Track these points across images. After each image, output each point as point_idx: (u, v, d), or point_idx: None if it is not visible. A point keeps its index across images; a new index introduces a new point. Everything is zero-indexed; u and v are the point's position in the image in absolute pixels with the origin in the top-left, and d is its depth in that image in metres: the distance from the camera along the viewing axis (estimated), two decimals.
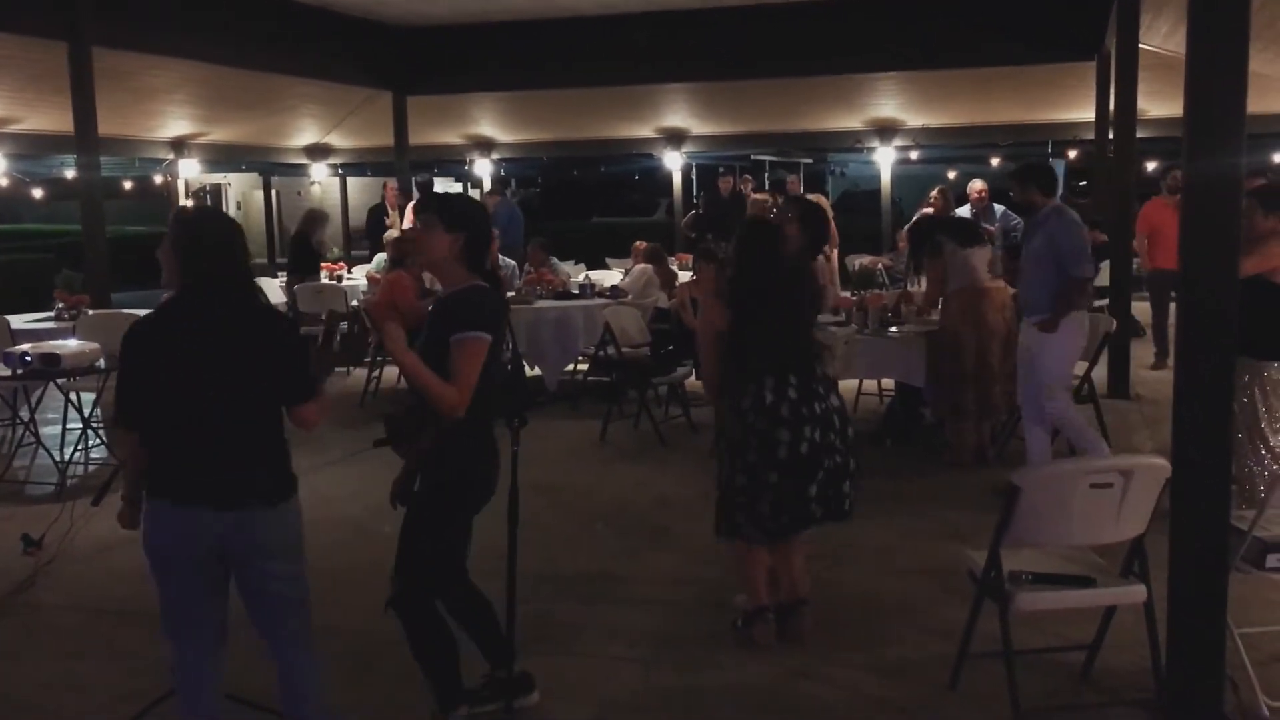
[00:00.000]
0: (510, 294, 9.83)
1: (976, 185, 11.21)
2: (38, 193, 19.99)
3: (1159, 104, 13.21)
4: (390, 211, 13.73)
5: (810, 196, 12.19)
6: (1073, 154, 20.89)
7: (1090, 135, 13.10)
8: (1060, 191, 6.31)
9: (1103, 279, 11.02)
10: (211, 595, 3.22)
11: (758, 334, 4.26)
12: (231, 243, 3.15)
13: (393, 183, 14.47)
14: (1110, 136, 10.22)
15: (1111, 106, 9.85)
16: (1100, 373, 7.77)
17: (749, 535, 4.32)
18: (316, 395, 3.22)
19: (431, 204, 3.63)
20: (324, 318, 3.30)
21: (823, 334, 5.31)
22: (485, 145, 18.81)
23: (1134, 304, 9.88)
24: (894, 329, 7.31)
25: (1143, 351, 10.33)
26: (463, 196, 4.01)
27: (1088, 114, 12.78)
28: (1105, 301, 10.00)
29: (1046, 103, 15.38)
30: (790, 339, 4.30)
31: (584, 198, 30.83)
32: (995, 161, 22.22)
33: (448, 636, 3.57)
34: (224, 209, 30.68)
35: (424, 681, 3.65)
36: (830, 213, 11.70)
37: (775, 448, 4.19)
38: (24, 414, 7.52)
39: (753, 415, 4.22)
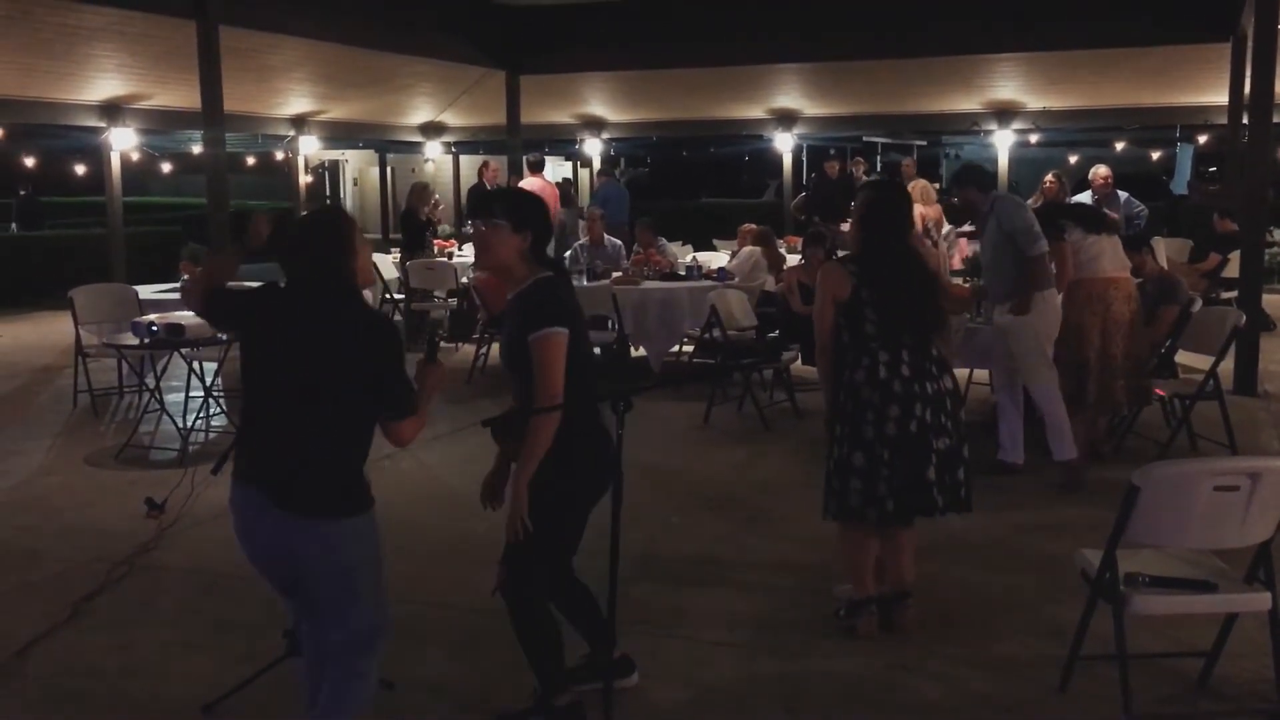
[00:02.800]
0: (616, 274, 9.87)
1: (1100, 171, 10.85)
2: (166, 167, 20.72)
3: None
4: (490, 188, 13.84)
5: (914, 181, 11.95)
6: (1203, 139, 20.09)
7: (1222, 120, 12.59)
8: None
9: (1233, 270, 10.63)
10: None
11: (876, 301, 4.16)
12: (332, 248, 3.02)
13: (493, 161, 14.55)
14: (1245, 121, 9.79)
15: (1246, 90, 9.43)
16: (1226, 368, 7.48)
17: (865, 517, 4.21)
18: (416, 411, 3.07)
19: (492, 204, 3.48)
20: (429, 333, 3.22)
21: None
22: (596, 125, 18.90)
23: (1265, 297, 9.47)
24: None
25: (1271, 345, 9.91)
26: (522, 192, 3.89)
27: (1219, 97, 12.28)
28: (1234, 294, 9.62)
29: (1176, 85, 14.82)
30: (907, 311, 4.21)
31: (693, 178, 30.74)
32: (1120, 146, 21.49)
33: (552, 626, 3.55)
34: (340, 185, 31.42)
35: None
36: (933, 194, 11.45)
37: (884, 424, 4.13)
38: (150, 381, 7.82)
39: (866, 389, 4.15)
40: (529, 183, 13.25)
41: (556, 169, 27.71)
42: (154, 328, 7.03)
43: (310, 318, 2.97)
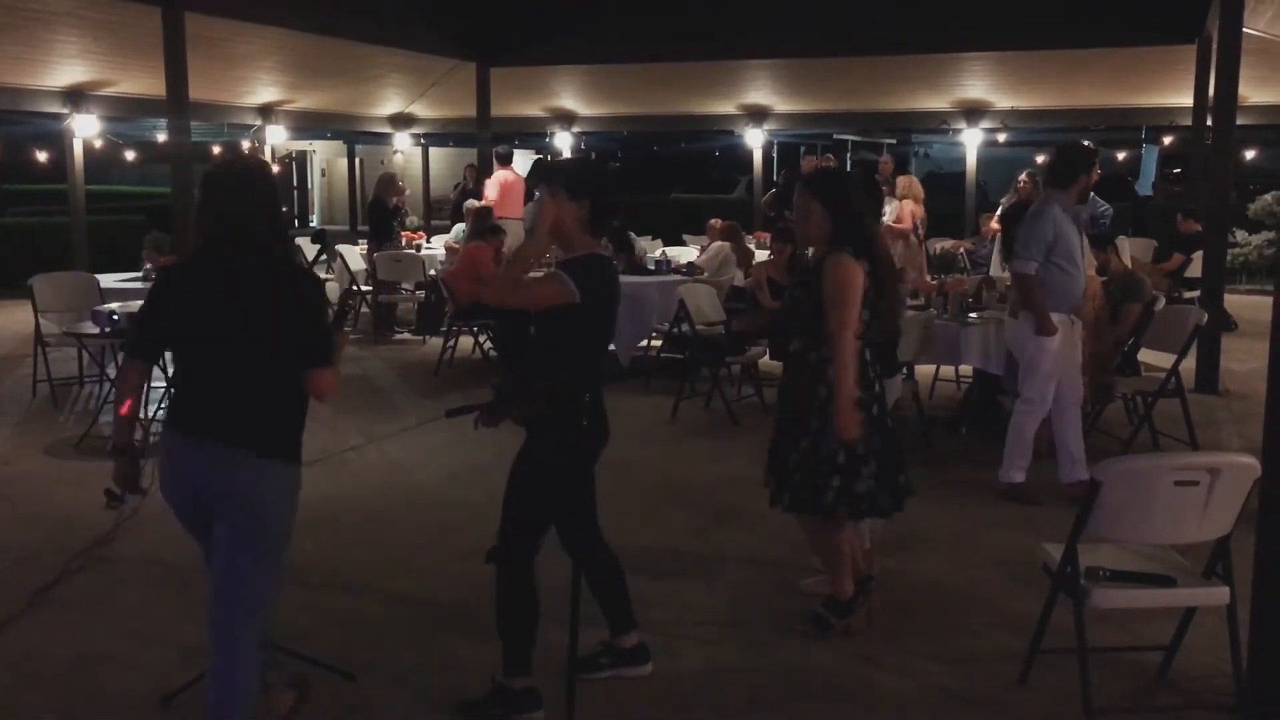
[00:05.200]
0: None
1: None
2: (130, 155, 20.47)
3: (1261, 90, 12.78)
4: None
5: (901, 178, 12.03)
6: (1167, 140, 20.32)
7: (1187, 121, 12.74)
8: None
9: (1195, 269, 10.76)
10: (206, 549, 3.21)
11: (875, 295, 4.03)
12: (250, 194, 3.12)
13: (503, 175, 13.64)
14: (1209, 123, 9.91)
15: (1211, 92, 9.53)
16: (1188, 366, 7.56)
17: (835, 515, 4.12)
18: (330, 364, 3.13)
19: (553, 173, 3.63)
20: (339, 296, 3.38)
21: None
22: (566, 118, 18.84)
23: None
24: (974, 315, 7.17)
25: (1232, 345, 10.03)
26: (586, 162, 3.99)
27: (1184, 99, 12.42)
28: (1196, 293, 9.73)
29: (1142, 86, 14.97)
30: (891, 306, 4.18)
31: (663, 173, 30.74)
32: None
33: (531, 606, 3.59)
34: (308, 175, 31.17)
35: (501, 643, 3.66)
36: (921, 191, 11.55)
37: (869, 422, 4.07)
38: (110, 371, 7.72)
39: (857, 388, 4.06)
40: (498, 176, 13.20)
41: (526, 163, 27.62)
42: (115, 317, 6.94)
43: (239, 277, 3.05)
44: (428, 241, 13.18)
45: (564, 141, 19.37)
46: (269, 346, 3.06)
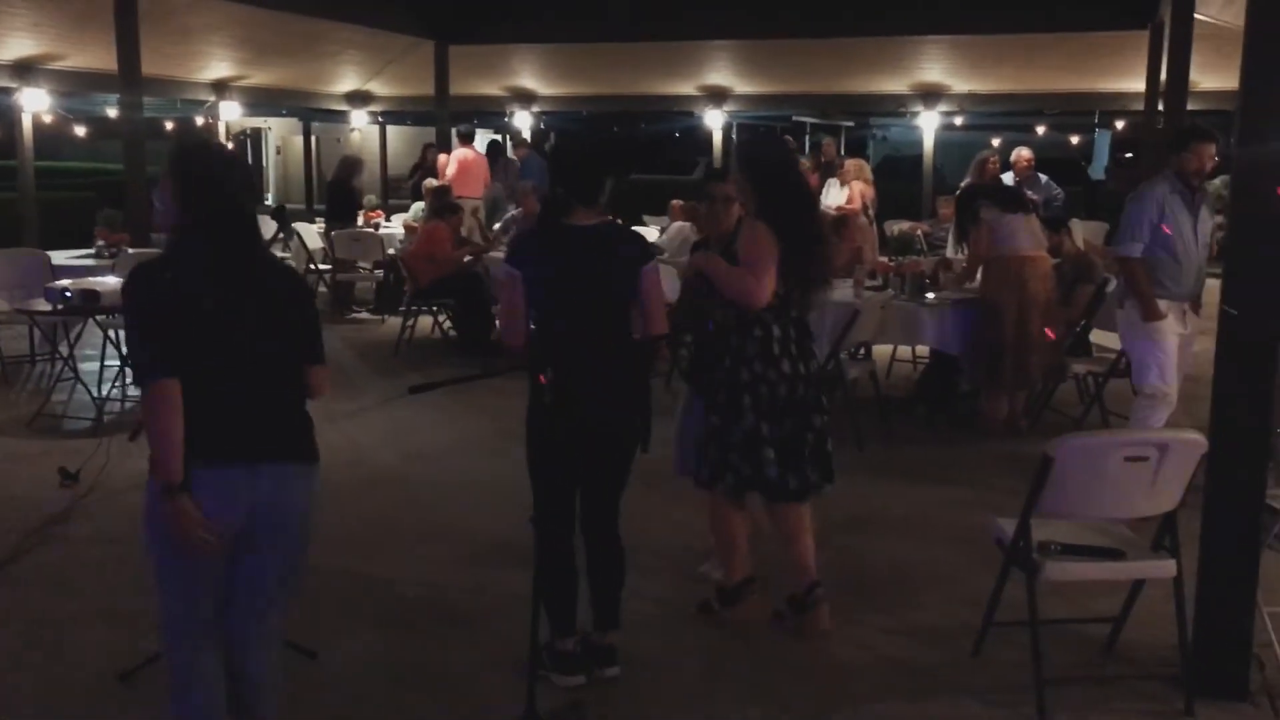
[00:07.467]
0: None
1: (1023, 153, 11.07)
2: (80, 131, 20.11)
3: (1212, 76, 12.94)
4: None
5: (850, 161, 12.10)
6: (1120, 125, 20.59)
7: (1139, 106, 12.89)
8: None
9: None
10: (218, 584, 2.92)
11: None
12: (242, 179, 2.93)
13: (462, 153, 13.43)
14: (1160, 108, 10.05)
15: (1163, 77, 9.67)
16: None
17: (715, 487, 4.31)
18: (324, 360, 3.01)
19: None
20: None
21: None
22: (526, 98, 18.74)
23: None
24: (930, 295, 7.25)
25: None
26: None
27: (1137, 84, 12.57)
28: None
29: (1095, 71, 15.13)
30: None
31: (623, 154, 30.66)
32: (1040, 130, 21.92)
33: (553, 572, 3.66)
34: (264, 153, 30.81)
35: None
36: (869, 173, 11.65)
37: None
38: (63, 349, 7.62)
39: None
40: (457, 154, 13.11)
41: (482, 143, 27.43)
42: (67, 294, 6.85)
43: (245, 274, 2.82)
44: (386, 220, 13.08)
45: (523, 121, 19.26)
46: (288, 345, 2.89)
